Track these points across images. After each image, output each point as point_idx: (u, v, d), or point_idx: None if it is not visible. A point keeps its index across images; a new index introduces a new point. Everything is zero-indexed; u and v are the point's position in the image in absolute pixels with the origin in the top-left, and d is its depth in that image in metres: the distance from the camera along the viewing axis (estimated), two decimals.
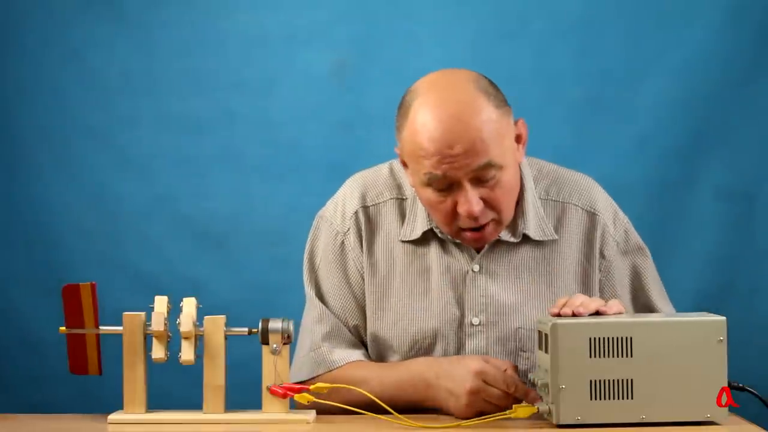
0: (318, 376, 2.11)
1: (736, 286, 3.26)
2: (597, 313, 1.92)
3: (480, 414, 1.93)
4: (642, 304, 2.19)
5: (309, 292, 2.20)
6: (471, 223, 2.02)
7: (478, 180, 1.99)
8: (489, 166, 1.98)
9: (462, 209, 2.00)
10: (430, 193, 2.02)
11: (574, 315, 1.90)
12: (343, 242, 2.17)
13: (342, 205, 2.19)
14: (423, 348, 2.12)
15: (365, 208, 2.17)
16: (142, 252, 3.30)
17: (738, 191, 3.27)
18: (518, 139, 2.08)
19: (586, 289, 2.14)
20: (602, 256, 2.16)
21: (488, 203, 2.01)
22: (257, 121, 3.32)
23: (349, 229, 2.17)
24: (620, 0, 3.28)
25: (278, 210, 3.30)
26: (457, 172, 1.97)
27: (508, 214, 2.07)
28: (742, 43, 3.25)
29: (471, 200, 1.98)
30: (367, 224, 2.16)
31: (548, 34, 3.28)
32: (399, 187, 2.18)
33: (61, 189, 3.30)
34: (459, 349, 2.11)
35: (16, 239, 3.30)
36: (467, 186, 1.98)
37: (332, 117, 3.31)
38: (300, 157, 3.31)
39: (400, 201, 2.17)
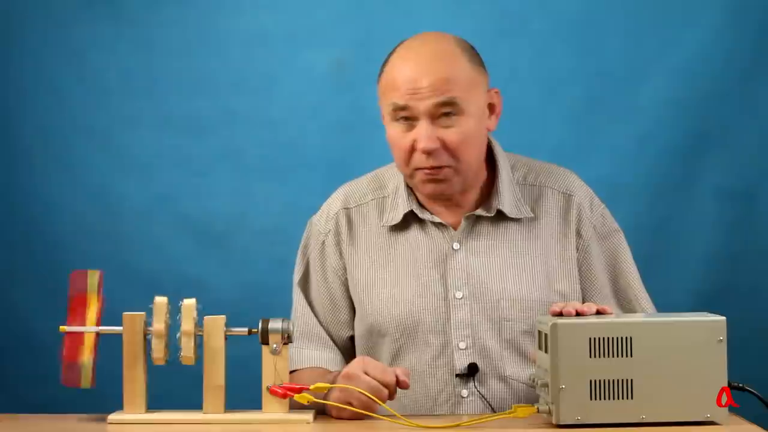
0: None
1: (736, 286, 3.26)
2: (597, 313, 1.93)
3: (349, 404, 1.93)
4: (622, 287, 2.25)
5: (294, 286, 2.31)
6: (425, 161, 2.10)
7: (438, 118, 2.09)
8: (450, 104, 2.09)
9: (419, 145, 2.10)
10: (393, 128, 2.13)
11: (577, 314, 1.91)
12: (323, 242, 2.29)
13: (327, 209, 2.31)
14: (409, 328, 2.19)
15: (347, 209, 2.28)
16: (142, 252, 3.30)
17: (738, 191, 3.27)
18: (491, 108, 2.18)
19: (564, 263, 2.21)
20: (579, 235, 2.23)
21: (446, 147, 2.10)
22: (257, 121, 3.32)
23: (329, 230, 2.28)
24: (620, 0, 3.28)
25: (278, 210, 3.31)
26: (418, 104, 2.09)
27: (466, 165, 2.14)
28: (742, 43, 3.25)
29: (428, 135, 2.09)
30: (348, 224, 2.27)
31: (548, 34, 3.28)
32: (381, 188, 2.28)
33: (62, 189, 3.30)
34: (445, 324, 2.17)
35: (17, 239, 3.30)
36: (426, 122, 2.09)
37: (332, 117, 3.31)
38: (300, 157, 3.31)
39: (382, 199, 2.27)
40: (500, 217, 2.20)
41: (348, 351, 2.28)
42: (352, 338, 2.28)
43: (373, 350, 2.23)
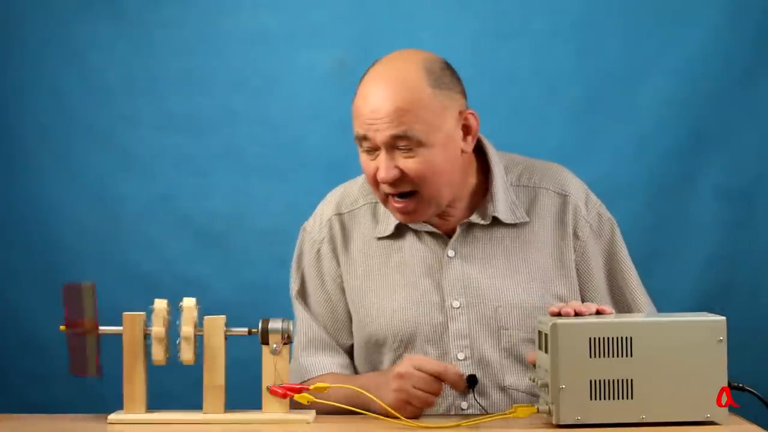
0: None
1: (736, 286, 3.26)
2: (597, 313, 1.93)
3: (408, 405, 1.94)
4: (618, 285, 2.21)
5: (293, 298, 2.28)
6: (387, 188, 2.08)
7: (396, 148, 2.05)
8: (406, 138, 2.04)
9: (378, 174, 2.07)
10: (361, 155, 2.11)
11: (576, 314, 1.90)
12: (319, 250, 2.25)
13: (320, 215, 2.27)
14: (406, 338, 2.15)
15: (339, 215, 2.24)
16: (142, 252, 3.31)
17: (738, 191, 3.28)
18: (465, 130, 2.11)
19: (562, 267, 2.17)
20: (576, 236, 2.19)
21: (406, 175, 2.06)
22: (258, 121, 3.33)
23: (324, 237, 2.24)
24: (620, 0, 3.28)
25: (278, 209, 3.30)
26: (375, 134, 2.05)
27: (432, 192, 2.08)
28: (742, 43, 3.25)
29: (386, 165, 2.06)
30: (342, 230, 2.23)
31: (548, 34, 3.28)
32: (373, 192, 2.20)
33: (62, 189, 3.30)
34: (443, 334, 2.14)
35: (16, 239, 3.31)
36: (384, 152, 2.06)
37: (332, 116, 3.31)
38: (300, 157, 3.31)
39: (374, 204, 2.23)
40: (495, 222, 2.16)
41: (353, 358, 2.25)
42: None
43: (372, 359, 2.20)
